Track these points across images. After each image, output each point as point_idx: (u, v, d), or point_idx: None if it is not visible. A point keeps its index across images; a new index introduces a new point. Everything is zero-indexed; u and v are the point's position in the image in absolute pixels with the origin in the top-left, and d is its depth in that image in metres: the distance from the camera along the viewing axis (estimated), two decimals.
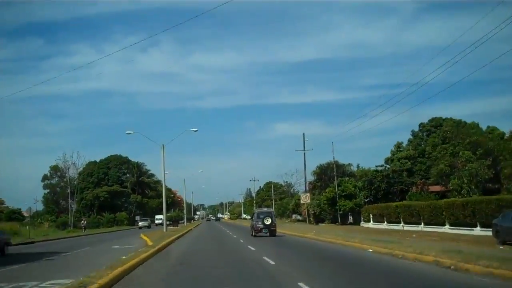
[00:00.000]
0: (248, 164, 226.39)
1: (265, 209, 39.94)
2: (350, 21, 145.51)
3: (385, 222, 39.47)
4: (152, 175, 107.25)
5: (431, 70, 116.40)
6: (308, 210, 57.73)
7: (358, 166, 61.17)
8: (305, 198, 36.91)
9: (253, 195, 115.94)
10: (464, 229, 27.72)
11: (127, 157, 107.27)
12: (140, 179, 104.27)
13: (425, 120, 66.12)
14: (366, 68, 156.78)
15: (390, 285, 11.01)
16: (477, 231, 26.45)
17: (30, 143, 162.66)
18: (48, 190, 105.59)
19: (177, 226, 69.48)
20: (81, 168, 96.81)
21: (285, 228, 40.94)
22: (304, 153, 57.77)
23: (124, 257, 16.87)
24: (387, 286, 10.94)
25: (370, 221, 43.47)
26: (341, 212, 49.82)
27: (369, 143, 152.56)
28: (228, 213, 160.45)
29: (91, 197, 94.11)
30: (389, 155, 63.48)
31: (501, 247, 18.69)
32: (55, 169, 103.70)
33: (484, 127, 55.71)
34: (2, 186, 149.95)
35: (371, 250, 18.66)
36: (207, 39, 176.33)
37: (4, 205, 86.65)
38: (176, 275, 13.50)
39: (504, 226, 19.90)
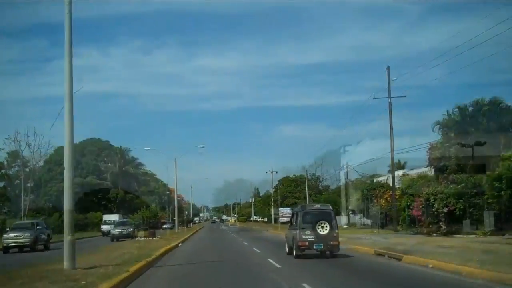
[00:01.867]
0: (253, 166, 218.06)
1: (318, 205, 21.23)
2: (355, 23, 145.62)
3: None
4: (141, 164, 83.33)
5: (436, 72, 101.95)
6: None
7: None
8: None
9: (270, 190, 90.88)
10: None
11: (108, 141, 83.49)
12: (124, 169, 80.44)
13: None
14: (371, 71, 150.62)
15: None
16: None
17: None
18: (4, 183, 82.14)
19: (153, 236, 35.31)
20: (48, 155, 76.33)
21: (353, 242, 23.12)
22: (390, 101, 33.80)
23: None
24: None
25: None
26: None
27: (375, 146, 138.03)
28: (236, 215, 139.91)
29: (56, 191, 70.16)
30: None
31: None
32: (14, 155, 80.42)
33: None
34: None
35: None
36: (212, 42, 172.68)
37: None
38: None
39: None
